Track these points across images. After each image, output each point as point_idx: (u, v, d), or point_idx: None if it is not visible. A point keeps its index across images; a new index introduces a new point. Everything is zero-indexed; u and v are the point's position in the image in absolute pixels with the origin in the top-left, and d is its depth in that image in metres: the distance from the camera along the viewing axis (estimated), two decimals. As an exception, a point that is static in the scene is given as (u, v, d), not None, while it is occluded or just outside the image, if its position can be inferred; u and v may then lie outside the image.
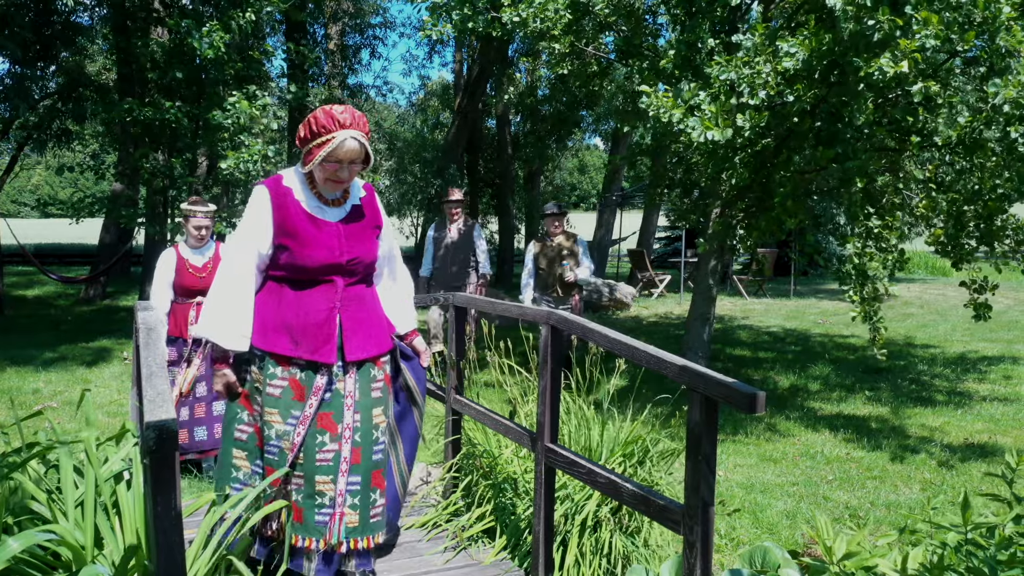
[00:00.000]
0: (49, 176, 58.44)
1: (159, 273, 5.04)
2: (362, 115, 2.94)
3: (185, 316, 4.92)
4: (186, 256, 5.05)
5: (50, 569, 2.39)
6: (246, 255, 2.88)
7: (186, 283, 4.99)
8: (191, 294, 5.00)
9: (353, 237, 2.97)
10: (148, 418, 1.62)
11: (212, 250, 5.16)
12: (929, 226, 6.61)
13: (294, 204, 2.89)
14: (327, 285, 2.91)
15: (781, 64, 5.52)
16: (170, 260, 5.08)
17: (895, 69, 5.04)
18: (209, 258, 5.10)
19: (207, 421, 4.93)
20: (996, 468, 5.31)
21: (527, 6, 7.01)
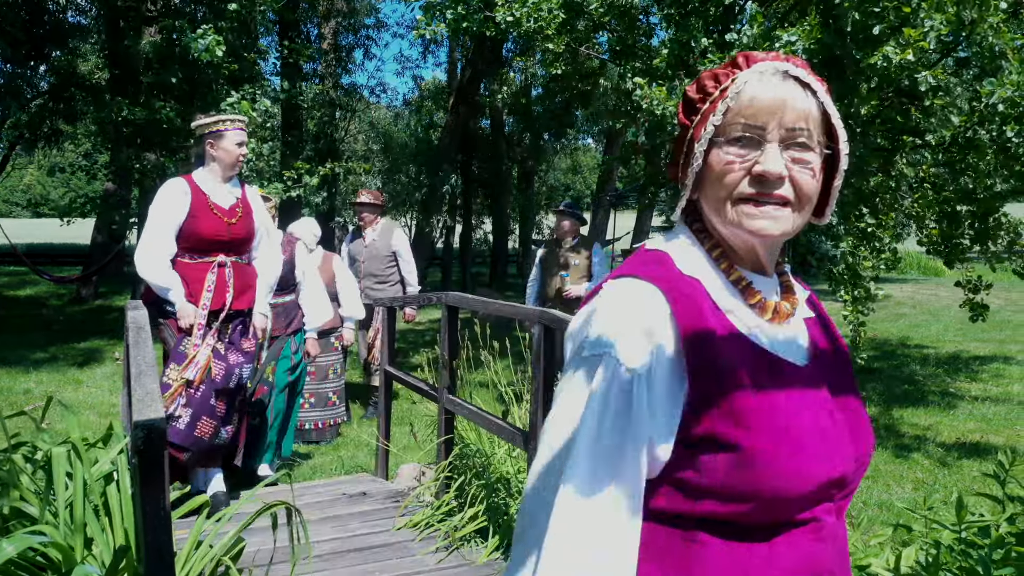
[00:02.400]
0: (41, 176, 58.22)
1: (159, 208, 3.73)
2: None
3: (200, 280, 3.76)
4: (208, 190, 3.79)
5: (40, 571, 2.37)
6: None
7: (205, 230, 3.76)
8: (209, 248, 3.80)
9: None
10: (137, 417, 1.60)
11: (239, 188, 3.99)
12: (921, 226, 6.62)
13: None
14: None
15: None
16: (180, 193, 3.73)
17: (900, 57, 5.02)
18: (238, 198, 3.91)
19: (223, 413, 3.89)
20: (988, 467, 5.32)
21: (521, 6, 7.00)
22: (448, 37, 9.67)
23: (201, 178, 3.83)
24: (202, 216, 3.75)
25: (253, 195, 4.06)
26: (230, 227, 3.83)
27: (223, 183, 3.86)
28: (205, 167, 3.86)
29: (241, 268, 3.95)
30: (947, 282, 16.81)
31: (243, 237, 3.91)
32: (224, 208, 3.82)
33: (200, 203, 3.75)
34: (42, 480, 2.83)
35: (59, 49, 13.28)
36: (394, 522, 3.77)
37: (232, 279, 3.87)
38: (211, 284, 3.79)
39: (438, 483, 4.02)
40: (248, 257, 4.01)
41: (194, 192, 3.76)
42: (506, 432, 3.45)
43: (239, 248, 3.94)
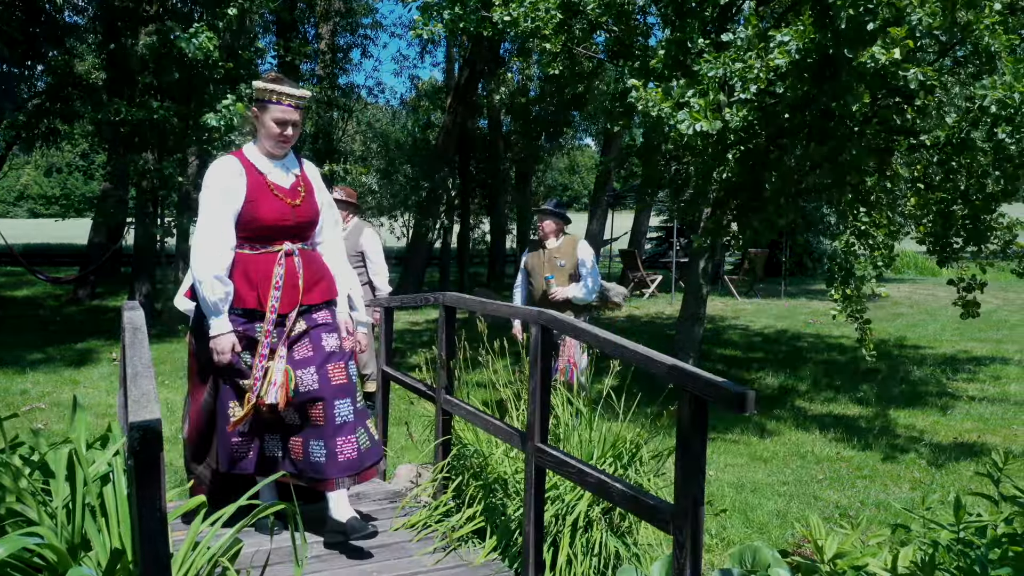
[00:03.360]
0: (38, 176, 58.17)
1: (211, 194, 3.20)
2: None
3: (267, 275, 3.22)
4: (264, 170, 3.28)
5: (36, 572, 2.36)
6: None
7: (268, 215, 3.22)
8: (273, 236, 3.26)
9: None
10: (132, 419, 1.60)
11: (297, 164, 3.45)
12: (918, 225, 6.64)
13: None
14: None
15: (773, 60, 5.54)
16: (234, 174, 3.22)
17: (887, 56, 5.04)
18: (298, 176, 3.38)
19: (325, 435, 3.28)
20: (985, 467, 5.33)
21: (518, 6, 7.00)
22: (445, 37, 9.67)
23: (252, 154, 3.31)
24: (262, 199, 3.22)
25: (313, 171, 3.54)
26: (295, 210, 3.29)
27: (277, 159, 3.34)
28: (255, 142, 3.36)
29: (309, 256, 3.41)
30: (944, 282, 16.85)
31: (309, 220, 3.39)
32: (285, 188, 3.30)
33: (257, 184, 3.24)
34: (39, 481, 2.83)
35: (56, 49, 13.26)
36: (391, 523, 3.76)
37: (302, 269, 3.33)
38: (279, 279, 3.25)
39: (435, 483, 4.02)
40: (312, 243, 3.48)
41: (249, 171, 3.24)
42: (504, 432, 3.45)
43: (304, 233, 3.39)
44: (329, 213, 3.55)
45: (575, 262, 5.67)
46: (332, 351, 3.39)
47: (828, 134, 5.96)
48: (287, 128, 3.27)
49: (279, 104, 3.25)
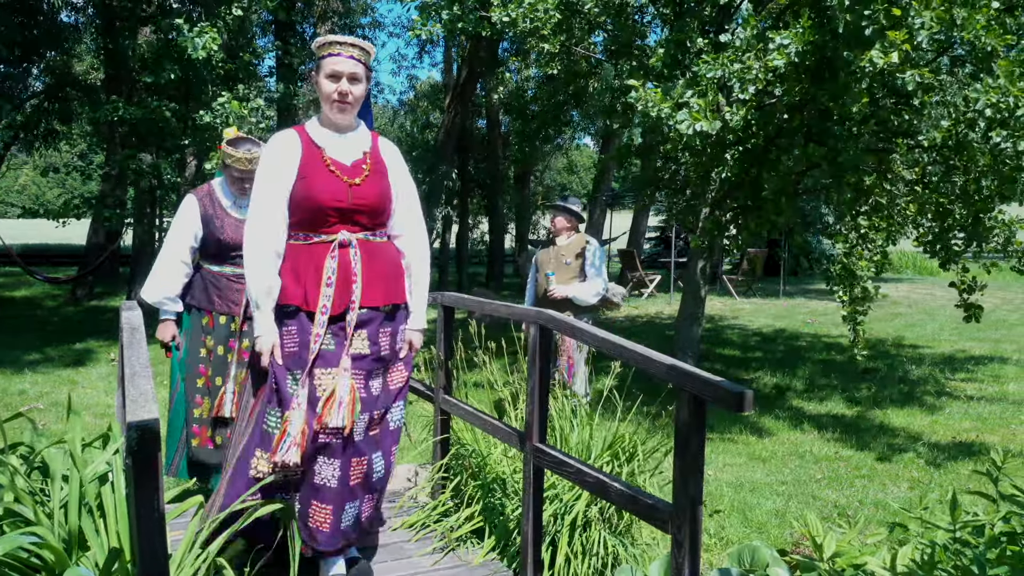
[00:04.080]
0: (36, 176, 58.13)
1: (262, 172, 2.89)
2: None
3: (317, 269, 2.82)
4: (323, 143, 2.89)
5: (34, 572, 2.36)
6: None
7: (320, 194, 2.79)
8: (325, 221, 2.82)
9: None
10: (130, 418, 1.60)
11: (368, 141, 3.10)
12: (917, 226, 6.65)
13: None
14: None
15: (771, 61, 5.54)
16: (289, 148, 2.86)
17: (885, 60, 5.05)
18: (365, 152, 3.00)
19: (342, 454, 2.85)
20: (983, 466, 5.34)
21: (517, 6, 7.01)
22: (444, 37, 9.68)
23: (313, 127, 2.92)
24: (314, 175, 2.80)
25: (389, 150, 3.05)
26: (352, 189, 2.81)
27: (342, 131, 2.90)
28: (319, 115, 2.97)
29: (371, 248, 2.89)
30: (942, 282, 16.86)
31: (370, 204, 2.86)
32: (344, 164, 2.85)
33: (312, 158, 2.82)
34: (38, 481, 2.83)
35: (54, 50, 13.26)
36: (389, 523, 3.76)
37: (360, 264, 2.84)
38: (331, 274, 2.79)
39: (434, 483, 4.02)
40: (381, 233, 2.95)
41: (305, 145, 2.84)
42: (502, 432, 3.45)
43: (365, 220, 2.87)
44: (409, 202, 3.03)
45: (582, 262, 5.57)
46: (392, 387, 2.95)
47: (826, 134, 5.97)
48: (342, 81, 2.79)
49: (332, 56, 2.79)
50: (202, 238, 3.82)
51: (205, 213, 3.82)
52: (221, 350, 3.84)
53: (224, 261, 3.82)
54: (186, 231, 3.82)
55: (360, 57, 2.84)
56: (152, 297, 3.82)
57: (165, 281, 3.81)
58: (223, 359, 3.82)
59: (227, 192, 3.86)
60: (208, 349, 3.85)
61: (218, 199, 3.86)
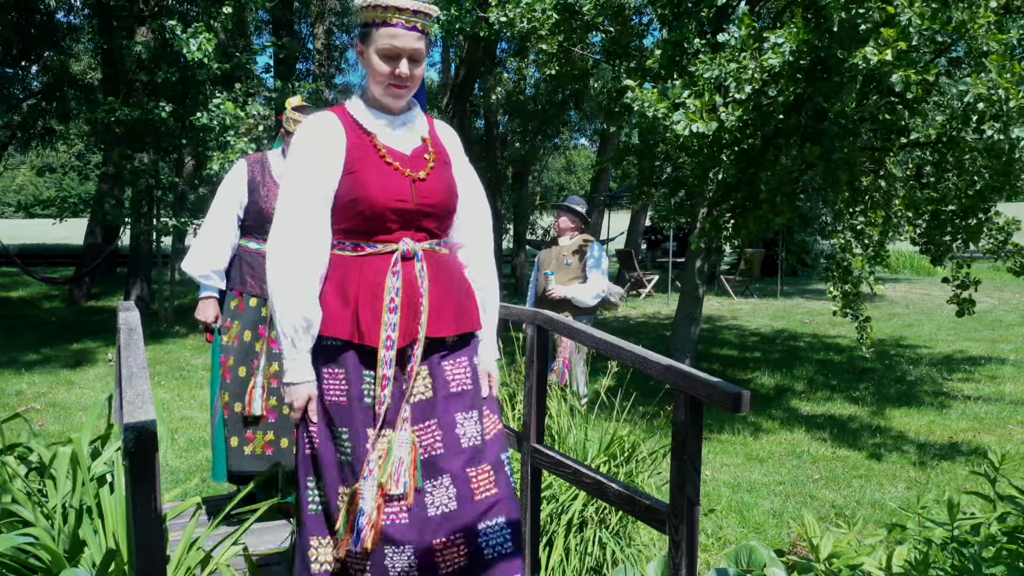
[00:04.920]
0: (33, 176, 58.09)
1: (294, 167, 2.20)
2: None
3: (374, 286, 2.21)
4: (372, 128, 2.23)
5: (31, 573, 2.36)
6: None
7: (376, 193, 2.13)
8: (384, 226, 2.19)
9: None
10: (128, 419, 1.60)
11: (425, 125, 2.58)
12: (912, 224, 6.67)
13: None
14: None
15: (767, 61, 5.55)
16: (329, 134, 2.20)
17: (878, 57, 5.07)
18: (424, 139, 2.37)
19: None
20: (980, 467, 5.35)
21: (514, 6, 7.01)
22: (442, 37, 9.67)
23: (357, 109, 2.25)
24: (368, 169, 2.15)
25: (448, 136, 2.41)
26: (416, 186, 2.19)
27: (395, 113, 2.26)
28: (361, 92, 2.32)
29: (438, 261, 2.25)
30: (940, 281, 16.91)
31: (439, 204, 2.24)
32: (403, 154, 2.22)
33: (361, 147, 2.18)
34: (36, 482, 2.83)
35: (51, 49, 13.25)
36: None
37: (426, 281, 2.20)
38: (395, 296, 2.14)
39: (432, 484, 4.02)
40: (446, 241, 2.33)
41: (350, 131, 2.19)
42: (500, 432, 3.45)
43: (432, 224, 2.24)
44: (476, 202, 2.40)
45: (582, 263, 5.53)
46: (475, 439, 2.23)
47: (822, 134, 5.98)
48: (401, 63, 2.14)
49: (387, 26, 2.12)
50: (244, 208, 3.45)
51: (252, 179, 3.44)
52: (248, 336, 3.42)
53: (264, 237, 3.20)
54: (231, 198, 3.44)
55: (424, 28, 2.18)
56: (197, 270, 3.43)
57: (211, 252, 3.43)
58: (249, 347, 3.42)
59: (284, 161, 3.47)
60: (231, 335, 3.44)
61: (269, 166, 3.47)
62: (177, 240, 11.53)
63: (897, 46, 5.09)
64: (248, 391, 3.38)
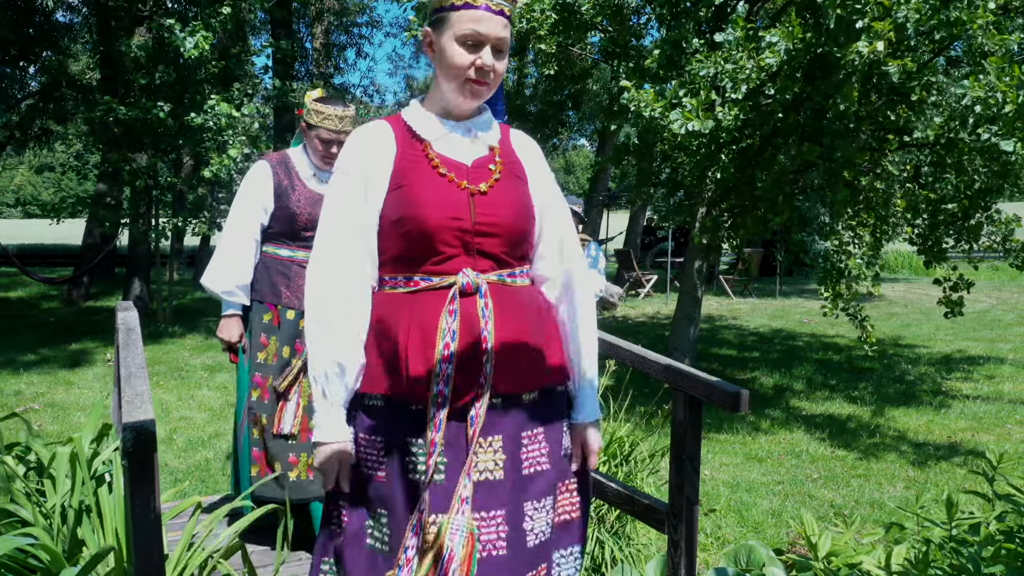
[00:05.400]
0: (31, 176, 58.05)
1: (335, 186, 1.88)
2: None
3: (425, 329, 1.75)
4: (429, 134, 1.83)
5: (30, 573, 2.36)
6: None
7: (425, 210, 1.72)
8: (434, 252, 1.74)
9: None
10: (126, 419, 1.60)
11: (495, 128, 2.08)
12: (910, 224, 6.68)
13: None
14: None
15: (763, 60, 5.56)
16: (376, 142, 1.83)
17: (870, 48, 5.08)
18: (492, 148, 1.93)
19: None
20: (979, 466, 5.35)
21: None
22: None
23: (416, 115, 1.85)
24: (417, 181, 1.76)
25: (525, 146, 1.96)
26: (475, 200, 1.77)
27: (459, 117, 1.84)
28: (421, 99, 1.89)
29: (508, 297, 1.79)
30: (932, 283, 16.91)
31: (507, 223, 1.80)
32: (462, 164, 1.81)
33: (412, 156, 1.79)
34: (35, 482, 2.82)
35: (49, 49, 13.24)
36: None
37: (492, 322, 1.74)
38: (450, 340, 1.70)
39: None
40: (521, 272, 1.85)
41: (401, 140, 1.81)
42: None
43: (500, 248, 1.79)
44: (561, 225, 1.91)
45: None
46: (543, 535, 1.76)
47: (821, 133, 5.99)
48: (484, 51, 1.73)
49: (469, 8, 1.74)
50: (270, 214, 3.14)
51: (279, 183, 3.14)
52: (287, 352, 3.15)
53: (296, 243, 3.14)
54: (255, 204, 3.12)
55: (511, 12, 1.83)
56: (220, 285, 3.13)
57: (233, 265, 3.13)
58: (287, 363, 3.15)
59: (308, 161, 3.20)
60: (269, 353, 3.15)
61: (294, 167, 3.19)
62: (175, 240, 11.52)
63: (888, 37, 5.10)
64: (279, 407, 3.10)
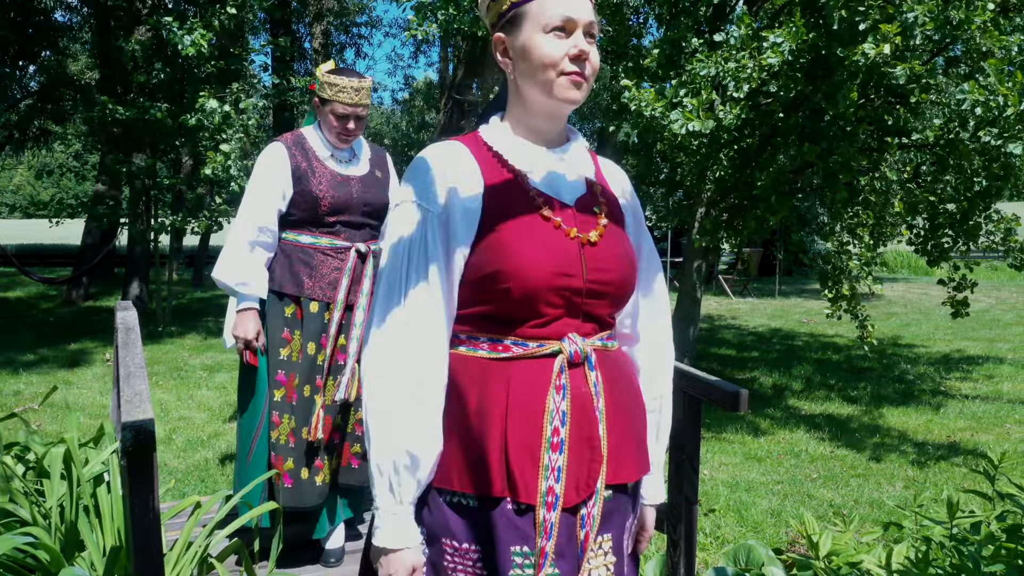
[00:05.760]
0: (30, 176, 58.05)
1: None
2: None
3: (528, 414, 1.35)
4: (520, 161, 1.42)
5: (29, 572, 2.36)
6: None
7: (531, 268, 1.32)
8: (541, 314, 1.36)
9: None
10: (125, 419, 1.60)
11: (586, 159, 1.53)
12: (909, 225, 6.69)
13: None
14: None
15: (765, 60, 5.56)
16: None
17: (877, 51, 5.07)
18: (588, 180, 1.50)
19: None
20: (978, 466, 5.35)
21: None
22: (440, 37, 9.69)
23: (497, 134, 1.49)
24: (514, 225, 1.39)
25: (615, 176, 1.63)
26: (585, 252, 1.42)
27: (549, 140, 1.50)
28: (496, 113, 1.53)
29: (612, 366, 1.47)
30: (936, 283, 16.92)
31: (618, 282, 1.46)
32: (566, 204, 1.46)
33: (504, 193, 1.43)
34: (33, 482, 2.82)
35: (48, 49, 13.24)
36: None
37: (602, 397, 1.43)
38: (559, 423, 1.37)
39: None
40: (617, 332, 1.56)
41: (487, 168, 1.44)
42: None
43: (607, 309, 1.47)
44: (656, 276, 1.62)
45: None
46: None
47: (820, 134, 5.99)
48: (575, 35, 1.38)
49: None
50: (289, 200, 2.90)
51: (296, 166, 2.88)
52: (312, 348, 2.90)
53: (318, 229, 2.90)
54: (272, 189, 2.85)
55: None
56: (229, 277, 2.85)
57: (248, 255, 2.86)
58: (312, 360, 2.90)
59: (324, 140, 2.98)
60: (294, 349, 2.92)
61: (311, 147, 2.94)
62: (174, 239, 11.52)
63: (895, 41, 5.10)
64: (316, 414, 2.87)
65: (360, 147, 3.09)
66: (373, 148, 3.17)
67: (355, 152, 3.06)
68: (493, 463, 1.35)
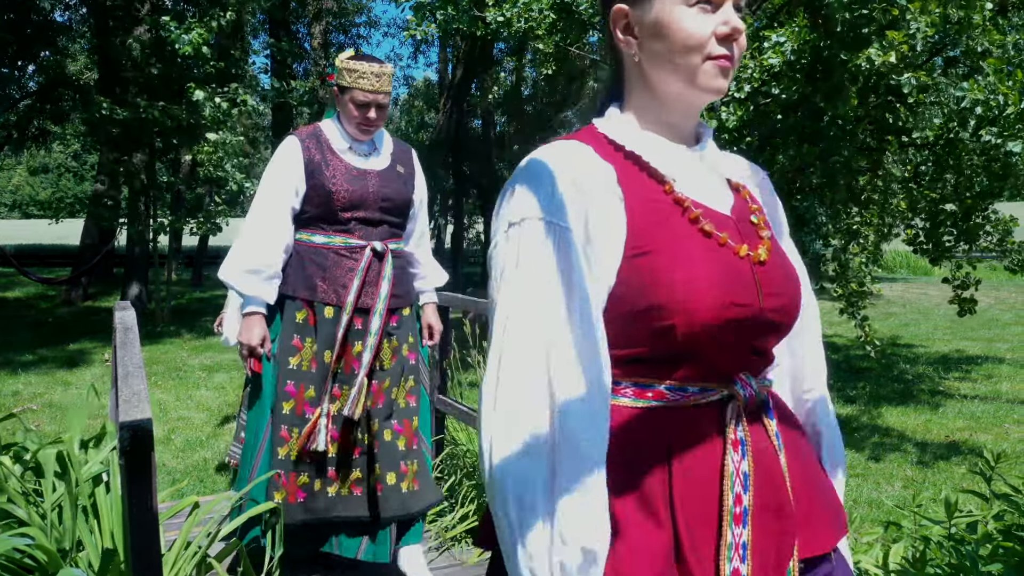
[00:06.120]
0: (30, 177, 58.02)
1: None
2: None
3: (701, 502, 1.04)
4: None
5: (27, 573, 2.36)
6: None
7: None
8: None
9: None
10: (123, 418, 1.60)
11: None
12: (908, 224, 6.69)
13: None
14: None
15: (766, 60, 5.56)
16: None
17: (883, 58, 5.08)
18: (737, 186, 1.21)
19: None
20: (977, 465, 5.36)
21: (511, 6, 7.01)
22: (439, 37, 9.69)
23: (624, 131, 1.16)
24: (671, 245, 1.06)
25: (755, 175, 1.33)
26: (757, 273, 1.11)
27: (687, 138, 1.20)
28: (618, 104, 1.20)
29: (781, 408, 1.24)
30: (937, 281, 16.91)
31: (789, 308, 1.16)
32: (725, 216, 1.15)
33: (652, 205, 1.09)
34: (31, 482, 2.82)
35: (47, 49, 13.23)
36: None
37: (783, 452, 1.14)
38: (741, 489, 1.07)
39: (429, 483, 4.01)
40: (766, 380, 1.19)
41: (624, 174, 1.10)
42: (497, 432, 3.44)
43: (775, 341, 1.19)
44: (809, 291, 1.28)
45: None
46: None
47: (820, 134, 6.00)
48: (724, 8, 1.09)
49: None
50: (303, 197, 2.71)
51: (309, 159, 2.71)
52: (327, 356, 2.73)
53: (332, 228, 2.71)
54: (285, 186, 2.68)
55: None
56: (236, 278, 2.65)
57: (258, 254, 2.65)
58: (327, 369, 2.74)
59: (343, 132, 2.79)
60: (305, 358, 2.73)
61: (327, 141, 2.77)
62: (173, 240, 11.52)
63: (902, 49, 5.10)
64: (312, 422, 2.71)
65: (382, 140, 2.88)
66: (397, 142, 2.96)
67: (376, 145, 2.85)
68: (658, 541, 1.03)
